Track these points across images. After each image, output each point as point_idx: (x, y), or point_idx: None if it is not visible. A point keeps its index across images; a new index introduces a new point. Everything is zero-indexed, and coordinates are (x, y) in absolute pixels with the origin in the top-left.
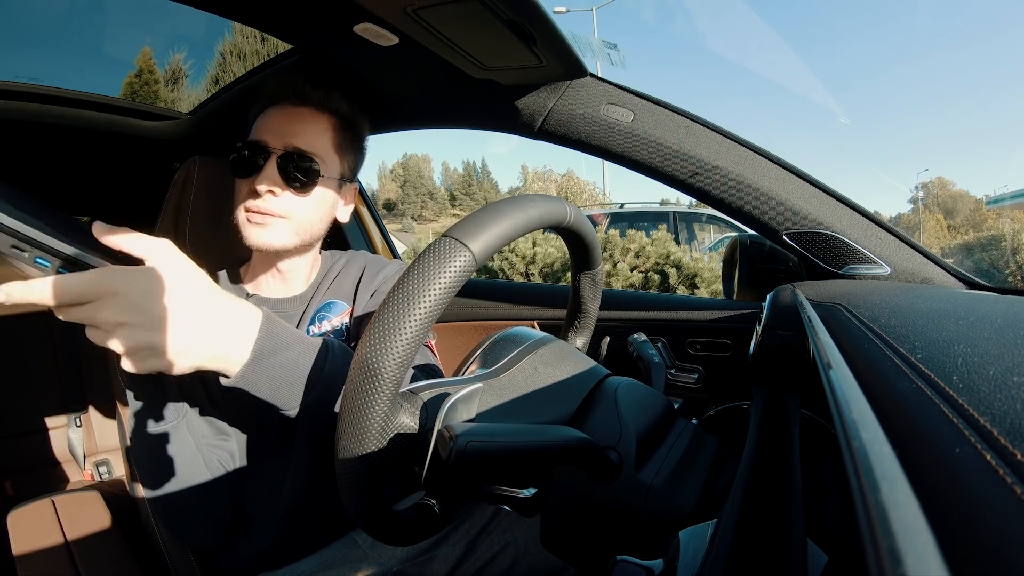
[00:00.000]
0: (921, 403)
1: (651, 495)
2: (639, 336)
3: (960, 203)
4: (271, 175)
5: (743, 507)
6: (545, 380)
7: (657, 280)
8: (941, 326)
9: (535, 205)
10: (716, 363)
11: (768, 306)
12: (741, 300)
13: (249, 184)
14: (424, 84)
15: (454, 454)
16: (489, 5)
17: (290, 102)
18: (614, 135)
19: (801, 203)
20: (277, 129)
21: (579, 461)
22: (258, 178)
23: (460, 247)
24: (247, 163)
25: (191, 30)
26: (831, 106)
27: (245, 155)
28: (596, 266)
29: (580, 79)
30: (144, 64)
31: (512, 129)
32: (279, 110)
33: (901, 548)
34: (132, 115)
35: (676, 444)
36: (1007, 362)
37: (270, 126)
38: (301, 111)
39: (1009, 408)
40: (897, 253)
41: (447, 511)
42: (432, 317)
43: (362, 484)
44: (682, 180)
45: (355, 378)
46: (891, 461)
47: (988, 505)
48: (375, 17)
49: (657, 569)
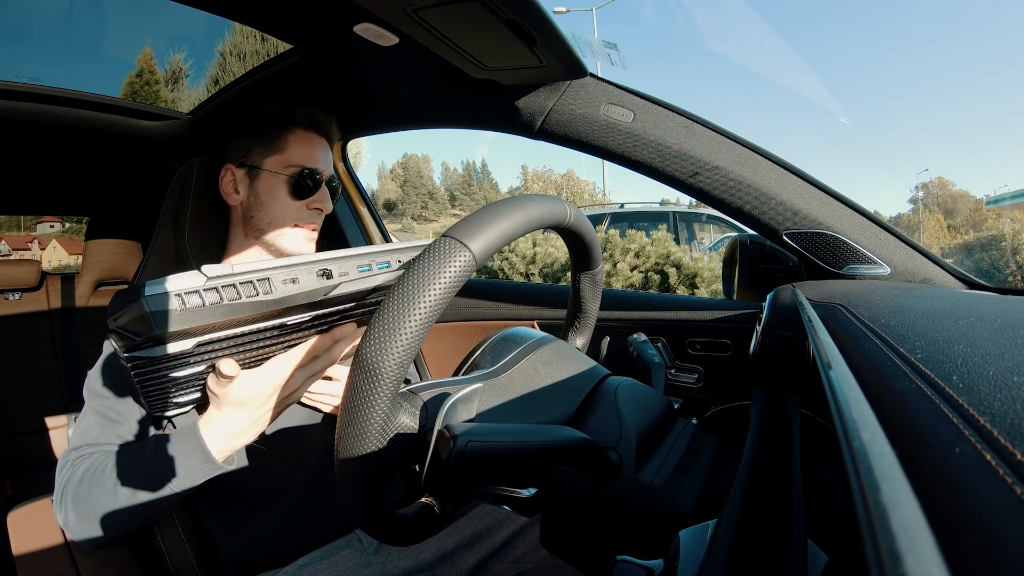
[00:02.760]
0: (921, 403)
1: (651, 495)
2: (639, 336)
3: (960, 203)
4: (327, 197)
5: (743, 507)
6: (545, 380)
7: (657, 280)
8: (941, 326)
9: (535, 205)
10: (716, 363)
11: (768, 306)
12: (741, 300)
13: (306, 203)
14: (424, 84)
15: (454, 454)
16: (489, 5)
17: (320, 132)
18: (614, 135)
19: (801, 203)
20: (322, 157)
21: (579, 461)
22: (323, 202)
23: (460, 247)
24: (307, 186)
25: (191, 30)
26: (831, 106)
27: (312, 180)
28: (596, 266)
29: (580, 79)
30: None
31: (512, 129)
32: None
33: (901, 548)
34: (132, 115)
35: (676, 444)
36: (1007, 362)
37: (314, 154)
38: (324, 143)
39: (1009, 408)
40: (897, 253)
41: (447, 511)
42: (432, 317)
43: (362, 484)
44: (682, 180)
45: (355, 378)
46: (891, 461)
47: (988, 505)
48: (375, 17)
49: (657, 569)
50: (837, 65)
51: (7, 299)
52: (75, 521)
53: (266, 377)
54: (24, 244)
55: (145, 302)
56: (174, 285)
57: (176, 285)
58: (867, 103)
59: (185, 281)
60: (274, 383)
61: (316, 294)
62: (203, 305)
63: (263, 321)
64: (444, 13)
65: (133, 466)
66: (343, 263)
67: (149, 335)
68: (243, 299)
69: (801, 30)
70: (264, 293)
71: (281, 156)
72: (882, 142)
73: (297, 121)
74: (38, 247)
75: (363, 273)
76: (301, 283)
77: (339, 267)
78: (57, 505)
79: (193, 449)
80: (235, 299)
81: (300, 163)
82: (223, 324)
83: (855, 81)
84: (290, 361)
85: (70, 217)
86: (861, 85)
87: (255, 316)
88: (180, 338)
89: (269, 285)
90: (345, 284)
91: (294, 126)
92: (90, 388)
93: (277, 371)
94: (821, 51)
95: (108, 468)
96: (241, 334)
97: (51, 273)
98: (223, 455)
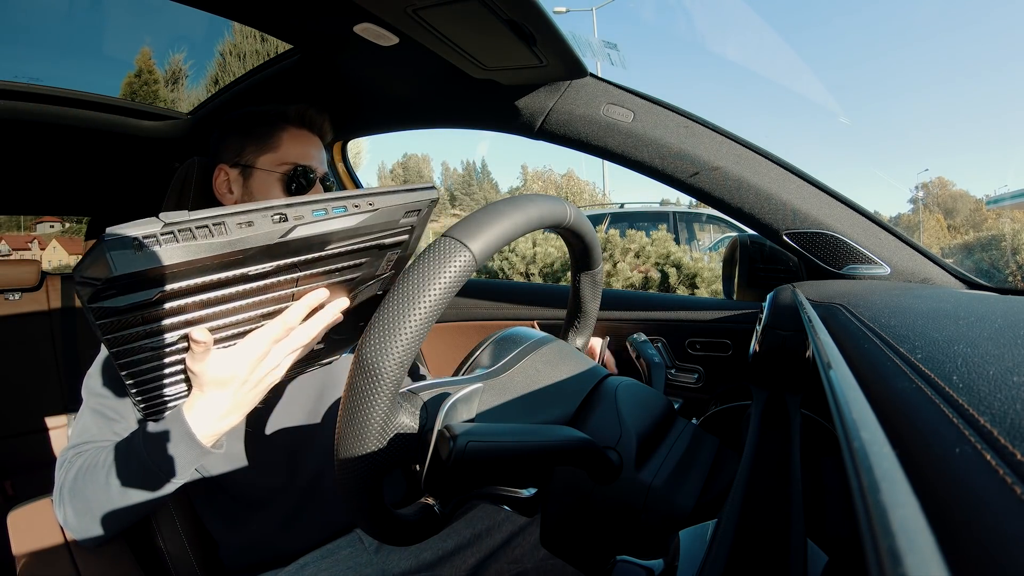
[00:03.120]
0: (921, 403)
1: (651, 495)
2: (639, 336)
3: (960, 203)
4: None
5: (743, 507)
6: (545, 380)
7: (657, 280)
8: (941, 326)
9: (535, 205)
10: (716, 363)
11: (768, 306)
12: (741, 300)
13: None
14: (424, 84)
15: (454, 454)
16: (489, 5)
17: (312, 130)
18: (614, 135)
19: (801, 203)
20: (314, 155)
21: (579, 461)
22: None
23: (460, 247)
24: (300, 184)
25: (191, 30)
26: (831, 106)
27: (306, 177)
28: (596, 266)
29: (580, 79)
30: (144, 64)
31: (512, 129)
32: (308, 136)
33: (901, 548)
34: (132, 115)
35: (676, 444)
36: (1007, 362)
37: (307, 151)
38: (317, 140)
39: (1009, 408)
40: (897, 253)
41: (447, 511)
42: (432, 317)
43: (362, 484)
44: (682, 180)
45: (355, 378)
46: (891, 461)
47: (988, 505)
48: (375, 17)
49: (657, 569)
50: (836, 65)
51: (7, 299)
52: (73, 517)
53: (243, 354)
54: (24, 244)
55: (105, 245)
56: (133, 230)
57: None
58: (867, 102)
59: (144, 227)
60: (252, 359)
61: (272, 236)
62: (159, 246)
63: (224, 271)
64: (444, 13)
65: (124, 457)
66: (299, 208)
67: (107, 278)
68: (198, 241)
69: (801, 30)
70: (219, 236)
71: (274, 154)
72: (881, 141)
73: (290, 119)
74: (38, 247)
75: (319, 217)
76: (256, 226)
77: (295, 212)
78: (56, 503)
79: (180, 434)
80: (190, 241)
81: (294, 160)
82: (181, 267)
83: (854, 81)
84: (266, 335)
85: (70, 217)
86: (860, 85)
87: (213, 259)
88: (141, 287)
89: (224, 229)
90: (300, 228)
91: (287, 124)
92: (88, 387)
93: (254, 347)
94: (821, 50)
95: (100, 461)
96: (203, 285)
97: (51, 273)
98: (210, 439)
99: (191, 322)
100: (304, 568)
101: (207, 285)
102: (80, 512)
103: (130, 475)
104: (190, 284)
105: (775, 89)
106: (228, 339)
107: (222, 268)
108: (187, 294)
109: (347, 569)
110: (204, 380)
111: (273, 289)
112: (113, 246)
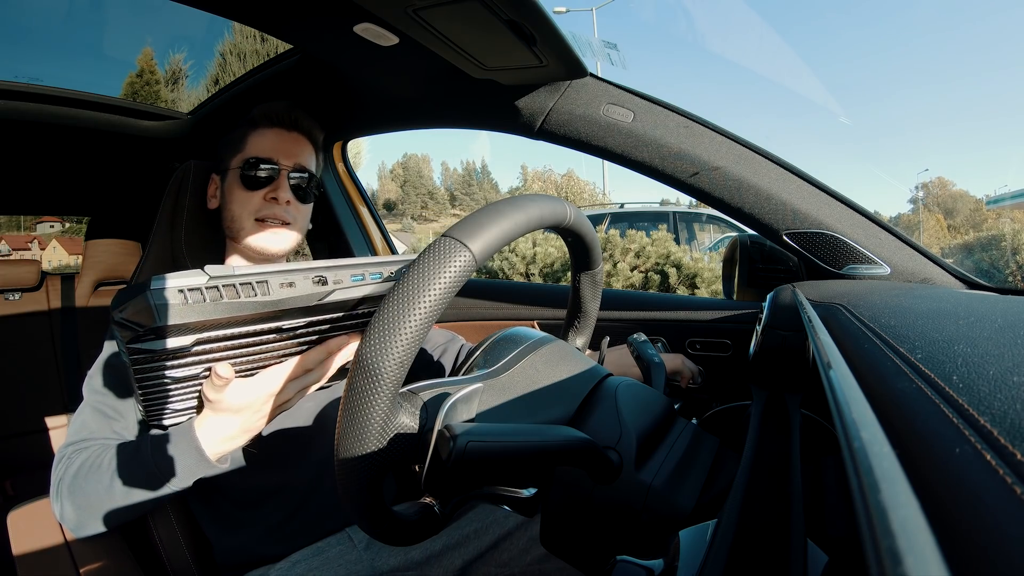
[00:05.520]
0: (921, 403)
1: (651, 495)
2: (639, 336)
3: (960, 203)
4: (286, 187)
5: (743, 507)
6: (545, 380)
7: (657, 280)
8: (941, 326)
9: (535, 205)
10: (716, 363)
11: (768, 306)
12: (741, 300)
13: (263, 195)
14: (424, 84)
15: (454, 454)
16: (489, 5)
17: (284, 126)
18: (614, 135)
19: (801, 203)
20: (281, 148)
21: (579, 461)
22: (277, 190)
23: (460, 247)
24: (259, 177)
25: (191, 30)
26: (831, 106)
27: (259, 169)
28: (596, 266)
29: (580, 79)
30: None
31: (512, 129)
32: (276, 132)
33: (901, 548)
34: (132, 115)
35: (676, 444)
36: (1007, 362)
37: (274, 145)
38: (294, 135)
39: (1009, 408)
40: (897, 253)
41: (447, 511)
42: (432, 317)
43: (362, 484)
44: (682, 180)
45: (355, 378)
46: (891, 461)
47: (988, 505)
48: (375, 17)
49: (657, 569)
50: (837, 64)
51: (7, 299)
52: (71, 513)
53: (260, 386)
54: (24, 244)
55: (150, 295)
56: (178, 282)
57: (180, 282)
58: (867, 101)
59: (189, 279)
60: (267, 392)
61: (311, 299)
62: (204, 302)
63: (260, 323)
64: (444, 13)
65: (130, 462)
66: (338, 271)
67: (151, 327)
68: (242, 299)
69: (801, 29)
70: (262, 295)
71: (240, 155)
72: (882, 140)
73: (256, 120)
74: (38, 247)
75: (356, 282)
76: (297, 287)
77: (334, 275)
78: (53, 498)
79: (188, 448)
80: (235, 298)
81: (253, 155)
82: (222, 322)
83: (855, 80)
84: (284, 372)
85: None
86: (861, 84)
87: (252, 316)
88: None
89: (267, 288)
90: (339, 291)
91: (256, 124)
92: (89, 385)
93: (270, 381)
94: (821, 49)
95: (105, 463)
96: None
97: (51, 273)
98: (216, 456)
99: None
100: (295, 566)
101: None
102: (79, 508)
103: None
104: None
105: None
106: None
107: (259, 321)
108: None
109: (337, 567)
110: (219, 407)
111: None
112: (158, 296)
